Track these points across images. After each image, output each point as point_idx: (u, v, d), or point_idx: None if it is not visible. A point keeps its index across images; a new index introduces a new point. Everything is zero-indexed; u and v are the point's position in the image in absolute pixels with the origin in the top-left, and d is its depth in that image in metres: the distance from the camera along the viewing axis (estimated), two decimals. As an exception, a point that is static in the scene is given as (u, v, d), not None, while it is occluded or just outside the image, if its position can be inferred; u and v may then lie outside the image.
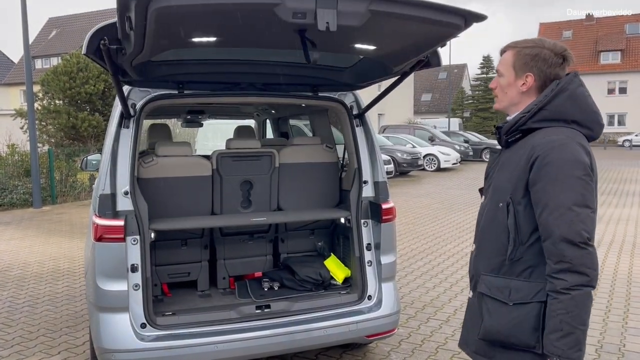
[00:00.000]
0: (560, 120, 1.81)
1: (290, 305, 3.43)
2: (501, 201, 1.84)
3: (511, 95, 1.93)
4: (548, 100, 1.80)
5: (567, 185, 1.68)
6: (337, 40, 2.57)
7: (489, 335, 1.85)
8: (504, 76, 1.93)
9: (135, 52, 2.45)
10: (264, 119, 6.53)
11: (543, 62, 1.85)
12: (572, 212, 1.66)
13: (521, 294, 1.77)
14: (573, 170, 1.69)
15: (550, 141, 1.75)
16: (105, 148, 3.23)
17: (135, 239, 3.08)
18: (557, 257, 1.66)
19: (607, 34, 47.96)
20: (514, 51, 1.90)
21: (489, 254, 1.90)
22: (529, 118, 1.82)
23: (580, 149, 1.75)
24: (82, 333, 4.61)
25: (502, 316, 1.79)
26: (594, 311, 4.95)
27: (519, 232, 1.79)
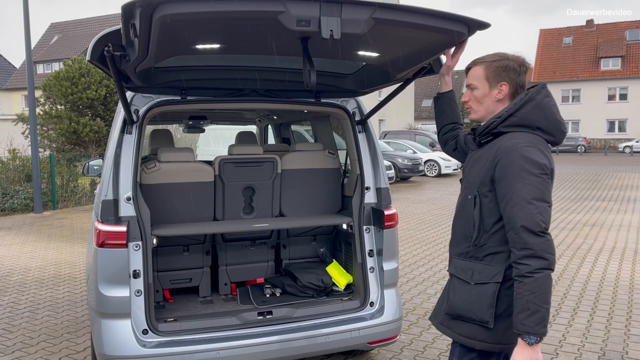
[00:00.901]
0: (526, 126, 2.03)
1: (292, 311, 3.43)
2: (470, 194, 2.10)
3: (487, 104, 2.15)
4: (517, 108, 2.04)
5: (527, 182, 1.91)
6: (340, 47, 2.58)
7: (452, 310, 2.12)
8: (479, 89, 2.16)
9: (140, 58, 2.45)
10: (265, 124, 6.54)
11: (513, 71, 2.10)
12: (531, 205, 1.89)
13: (481, 275, 2.03)
14: (532, 170, 1.92)
15: (514, 144, 1.98)
16: (108, 154, 3.23)
17: (138, 244, 3.07)
18: (520, 245, 1.88)
19: (607, 40, 48.05)
20: (484, 65, 2.14)
21: (458, 240, 2.17)
22: (500, 123, 2.06)
23: (539, 152, 1.97)
24: (83, 339, 4.60)
25: (464, 293, 2.07)
26: (596, 318, 4.95)
27: (482, 221, 2.05)
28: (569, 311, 5.19)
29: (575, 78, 47.86)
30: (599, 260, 7.23)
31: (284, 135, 6.22)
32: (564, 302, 5.46)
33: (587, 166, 26.27)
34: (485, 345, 2.05)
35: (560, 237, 8.87)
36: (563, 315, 5.07)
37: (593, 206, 12.60)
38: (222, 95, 3.47)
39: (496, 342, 2.03)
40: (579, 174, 21.58)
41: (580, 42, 49.76)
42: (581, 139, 41.98)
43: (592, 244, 8.29)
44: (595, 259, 7.34)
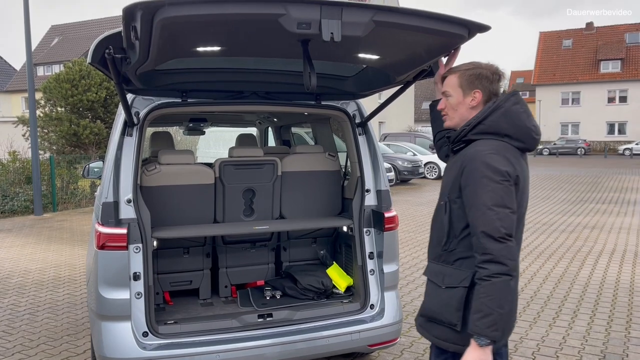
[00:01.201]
0: (494, 133, 2.07)
1: (292, 314, 3.42)
2: (442, 200, 2.16)
3: (461, 111, 2.18)
4: (485, 115, 2.07)
5: (489, 189, 1.94)
6: (340, 50, 2.58)
7: (425, 312, 2.20)
8: (453, 96, 2.19)
9: (140, 61, 2.46)
10: (265, 127, 6.54)
11: (486, 79, 2.13)
12: (491, 211, 1.92)
13: (451, 279, 2.07)
14: (493, 176, 1.95)
15: (478, 151, 2.02)
16: (109, 156, 3.23)
17: (138, 247, 3.07)
18: (481, 249, 1.93)
19: (607, 42, 48.12)
20: (458, 74, 2.18)
21: (434, 244, 2.22)
22: (469, 131, 2.10)
23: (503, 159, 2.00)
24: (83, 341, 4.59)
25: (436, 297, 2.13)
26: (596, 321, 4.95)
27: (452, 227, 2.09)
28: (569, 314, 5.19)
29: (575, 80, 47.91)
30: (599, 263, 7.23)
31: (284, 137, 6.22)
32: (564, 305, 5.46)
33: (587, 168, 26.28)
34: (456, 347, 2.09)
35: (561, 240, 8.87)
36: (563, 318, 5.07)
37: (593, 208, 12.60)
38: (222, 97, 3.48)
39: (466, 345, 2.01)
40: (578, 177, 21.59)
41: (580, 44, 49.84)
42: (581, 142, 42.00)
43: (592, 247, 8.29)
44: (596, 261, 7.34)
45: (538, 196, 15.26)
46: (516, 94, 2.13)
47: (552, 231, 9.69)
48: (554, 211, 12.26)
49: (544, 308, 5.37)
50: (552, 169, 26.26)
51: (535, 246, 8.39)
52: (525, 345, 4.43)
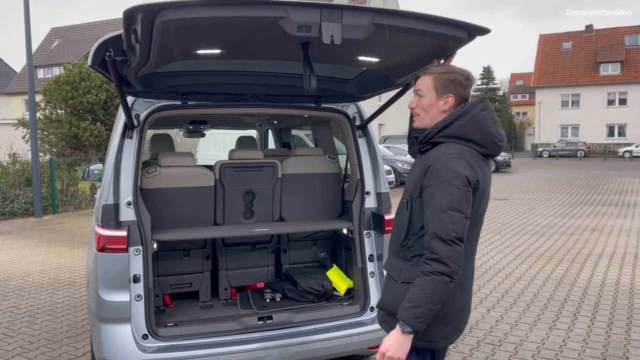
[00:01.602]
0: (459, 137, 2.11)
1: (292, 316, 3.42)
2: (405, 198, 2.21)
3: (432, 113, 2.19)
4: (452, 120, 2.11)
5: (447, 192, 1.98)
6: (340, 52, 2.58)
7: (383, 306, 2.24)
8: (426, 97, 2.19)
9: (141, 63, 2.46)
10: (266, 129, 6.55)
11: (459, 85, 2.16)
12: (445, 214, 1.97)
13: (407, 274, 2.12)
14: (453, 181, 1.99)
15: (442, 154, 2.06)
16: (109, 158, 3.23)
17: (138, 249, 3.07)
18: (430, 248, 1.98)
19: (606, 45, 48.18)
20: (433, 76, 2.18)
21: (394, 240, 2.27)
22: (436, 133, 2.14)
23: (465, 164, 2.04)
24: (82, 344, 4.59)
25: (392, 291, 2.19)
26: (597, 324, 4.94)
27: (411, 224, 2.14)
28: (569, 316, 5.18)
29: (575, 83, 47.94)
30: (599, 265, 7.23)
31: (284, 139, 6.23)
32: (564, 307, 5.45)
33: (587, 171, 26.29)
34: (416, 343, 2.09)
35: (560, 242, 8.87)
36: (563, 321, 5.06)
37: (593, 211, 12.60)
38: (222, 100, 3.48)
39: (419, 339, 2.06)
40: (578, 179, 21.59)
41: (580, 47, 49.89)
42: (581, 144, 42.02)
43: (592, 249, 8.29)
44: (596, 263, 7.34)
45: (538, 198, 15.26)
46: (484, 101, 2.17)
47: (552, 233, 9.69)
48: (553, 213, 12.25)
49: (544, 310, 5.36)
50: (552, 171, 26.27)
51: (535, 248, 8.39)
52: (525, 347, 4.43)
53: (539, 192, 17.07)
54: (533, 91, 52.91)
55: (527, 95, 61.82)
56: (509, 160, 27.40)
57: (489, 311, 5.36)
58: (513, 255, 7.91)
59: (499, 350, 4.39)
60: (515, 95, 66.03)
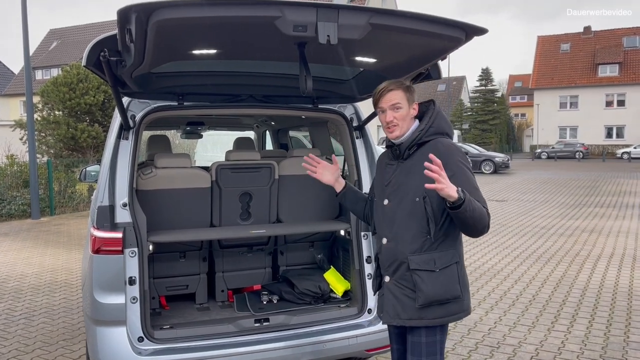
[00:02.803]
0: (440, 133, 2.48)
1: (289, 318, 3.40)
2: (417, 197, 2.38)
3: (407, 121, 2.50)
4: (433, 120, 2.48)
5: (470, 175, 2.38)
6: (337, 53, 2.57)
7: (428, 299, 2.34)
8: (403, 108, 2.47)
9: (136, 64, 2.44)
10: (263, 130, 6.52)
11: (415, 93, 2.53)
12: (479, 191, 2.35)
13: (442, 261, 2.36)
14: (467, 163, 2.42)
15: (449, 147, 2.41)
16: (104, 160, 3.21)
17: (134, 251, 3.04)
18: None
19: (605, 46, 48.26)
20: (403, 88, 2.48)
21: (409, 241, 2.40)
22: (424, 134, 2.45)
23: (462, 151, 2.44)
24: (78, 346, 4.56)
25: (434, 281, 2.34)
26: (595, 325, 4.93)
27: (435, 215, 2.35)
28: (567, 318, 5.17)
29: (573, 84, 48.02)
30: (597, 267, 7.21)
31: (282, 141, 6.21)
32: (562, 309, 5.44)
33: (585, 172, 26.31)
34: (457, 316, 2.41)
35: (559, 243, 8.86)
36: (562, 322, 5.05)
37: (591, 212, 12.60)
38: (219, 100, 3.46)
39: (465, 310, 2.41)
40: (577, 180, 21.60)
41: (578, 48, 49.97)
42: (579, 145, 42.06)
43: (591, 250, 8.28)
44: (594, 265, 7.32)
45: (536, 200, 15.26)
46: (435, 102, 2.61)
47: (551, 235, 9.68)
48: (552, 215, 12.25)
49: (543, 312, 5.35)
50: (551, 173, 26.28)
51: (534, 250, 8.38)
52: (523, 349, 4.41)
53: (537, 193, 17.07)
54: (531, 93, 52.97)
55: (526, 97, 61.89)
56: (507, 162, 27.39)
57: (487, 313, 5.34)
58: (512, 257, 7.89)
59: (497, 352, 4.37)
60: (514, 97, 66.10)
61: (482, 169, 26.56)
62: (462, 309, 2.42)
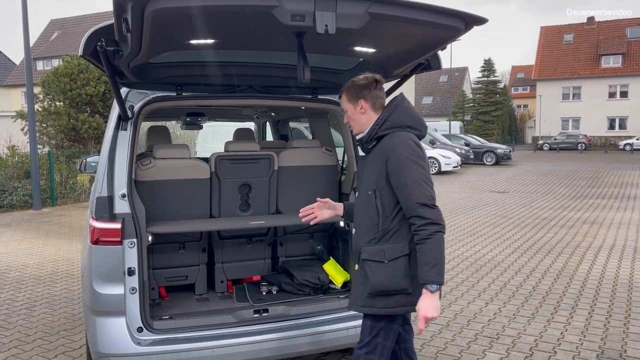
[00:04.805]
0: (399, 126, 2.49)
1: (288, 309, 3.40)
2: (369, 190, 2.49)
3: (357, 120, 2.58)
4: (389, 114, 2.51)
5: (414, 168, 2.36)
6: (336, 42, 2.55)
7: (375, 288, 2.43)
8: (348, 110, 2.60)
9: (133, 54, 2.42)
10: (263, 121, 6.51)
11: (365, 89, 2.53)
12: (420, 186, 2.34)
13: (392, 252, 2.41)
14: (414, 158, 2.39)
15: (396, 142, 2.43)
16: (103, 150, 3.20)
17: (133, 242, 3.04)
18: (420, 218, 2.31)
19: (608, 37, 47.94)
20: (344, 91, 2.59)
21: (363, 232, 2.52)
22: (379, 128, 2.50)
23: (414, 145, 2.44)
24: (79, 336, 4.58)
25: (382, 272, 2.42)
26: (595, 317, 4.94)
27: (384, 209, 2.44)
28: (567, 309, 5.17)
29: (576, 75, 47.77)
30: (598, 258, 7.21)
31: (282, 132, 6.19)
32: (562, 300, 5.44)
33: (588, 164, 26.25)
34: (407, 309, 2.45)
35: (560, 235, 8.85)
36: (561, 314, 5.05)
37: (593, 204, 12.58)
38: (218, 91, 3.44)
39: (414, 304, 2.38)
40: (579, 172, 21.55)
41: (581, 39, 49.65)
42: (582, 137, 41.91)
43: (592, 242, 8.27)
44: (595, 256, 7.32)
45: (538, 191, 15.24)
46: (404, 97, 2.62)
47: (552, 226, 9.67)
48: (553, 206, 12.23)
49: (542, 304, 5.35)
50: (553, 164, 26.23)
51: (534, 241, 8.37)
52: (523, 340, 4.42)
53: (539, 185, 17.04)
54: (534, 84, 52.72)
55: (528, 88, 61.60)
56: (509, 153, 27.33)
57: (487, 304, 5.35)
58: (512, 248, 7.89)
59: (496, 343, 4.38)
60: (516, 88, 65.82)
61: (484, 161, 26.51)
62: (411, 302, 2.41)
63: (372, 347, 2.50)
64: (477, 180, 18.94)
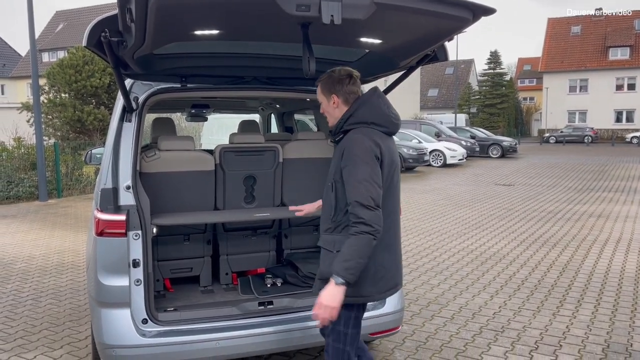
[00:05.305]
0: (363, 122, 2.51)
1: (293, 302, 3.40)
2: (329, 181, 2.57)
3: (331, 112, 2.63)
4: (354, 110, 2.54)
5: (360, 167, 2.38)
6: (342, 33, 2.52)
7: (322, 275, 2.52)
8: (322, 102, 2.65)
9: (137, 44, 2.40)
10: (268, 113, 6.48)
11: (338, 83, 2.56)
12: (362, 185, 2.35)
13: (340, 244, 2.43)
14: (364, 157, 2.39)
15: (351, 138, 2.47)
16: (107, 142, 3.20)
17: (137, 234, 3.04)
18: (355, 216, 2.34)
19: (616, 29, 47.49)
20: (319, 84, 2.63)
21: (324, 219, 2.61)
22: (343, 123, 2.55)
23: (370, 142, 2.44)
24: (85, 327, 4.60)
25: (330, 261, 2.46)
26: (601, 310, 4.92)
27: (338, 202, 2.50)
28: (573, 302, 5.15)
29: (583, 67, 47.41)
30: (604, 252, 7.17)
31: (287, 124, 6.17)
32: (568, 294, 5.42)
33: (594, 157, 26.10)
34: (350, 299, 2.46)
35: (566, 228, 8.81)
36: (567, 307, 5.03)
37: (599, 197, 12.51)
38: (222, 82, 3.43)
39: (357, 295, 2.48)
40: (585, 165, 21.43)
41: (589, 31, 49.21)
42: (588, 130, 41.66)
43: (598, 235, 8.23)
44: (601, 250, 7.28)
45: (544, 184, 15.17)
46: (377, 90, 2.60)
47: (558, 219, 9.63)
48: (559, 199, 12.17)
49: (548, 297, 5.33)
50: (559, 157, 26.10)
51: (540, 235, 8.34)
52: (528, 334, 4.40)
53: (545, 178, 16.96)
54: (540, 76, 52.36)
55: (535, 80, 61.16)
56: (515, 146, 27.21)
57: (492, 297, 5.33)
58: (517, 242, 7.86)
59: (501, 336, 4.37)
60: (523, 80, 65.38)
61: (490, 153, 26.40)
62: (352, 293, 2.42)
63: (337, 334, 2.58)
64: (483, 173, 18.87)
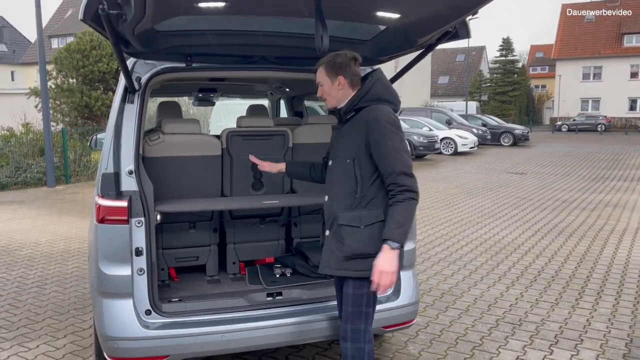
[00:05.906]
0: (378, 100, 2.60)
1: (302, 293, 3.26)
2: (348, 158, 2.59)
3: (334, 94, 2.66)
4: (370, 87, 2.61)
5: (395, 137, 2.50)
6: (357, 7, 2.34)
7: (351, 252, 2.55)
8: (324, 85, 2.66)
9: (137, 18, 2.23)
10: (277, 98, 6.30)
11: (345, 66, 2.61)
12: (401, 154, 2.49)
13: (368, 218, 2.55)
14: (395, 128, 2.52)
15: (378, 114, 2.53)
16: (109, 124, 3.04)
17: (140, 221, 2.89)
18: (399, 183, 2.46)
19: (631, 16, 46.54)
20: (323, 66, 2.65)
21: (341, 198, 2.62)
22: (359, 100, 2.60)
23: (395, 117, 2.60)
24: (89, 316, 4.49)
25: (358, 237, 2.55)
26: (622, 303, 4.74)
27: (363, 178, 2.56)
28: (592, 295, 4.97)
29: (597, 55, 46.60)
30: (622, 242, 6.96)
31: (297, 108, 5.98)
32: (587, 286, 5.23)
33: (607, 145, 25.68)
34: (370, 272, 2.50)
35: (582, 218, 8.59)
36: (587, 299, 4.85)
37: (614, 186, 12.24)
38: (230, 62, 3.25)
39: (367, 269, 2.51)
40: (599, 153, 21.07)
41: (603, 17, 48.25)
42: (602, 118, 41.04)
43: (615, 225, 8.01)
44: (619, 240, 7.07)
45: (557, 173, 14.90)
46: (381, 70, 2.72)
47: (573, 209, 9.40)
48: (573, 188, 11.92)
49: (566, 289, 5.15)
50: (571, 146, 25.71)
51: (555, 224, 8.13)
52: (547, 327, 4.23)
53: (557, 166, 16.67)
54: (553, 63, 51.59)
55: (547, 68, 60.31)
56: (527, 134, 26.84)
57: (508, 288, 5.16)
58: (532, 231, 7.67)
59: (519, 329, 4.20)
60: (535, 68, 64.46)
61: (501, 141, 26.06)
62: None
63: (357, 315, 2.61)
64: (495, 161, 18.60)
